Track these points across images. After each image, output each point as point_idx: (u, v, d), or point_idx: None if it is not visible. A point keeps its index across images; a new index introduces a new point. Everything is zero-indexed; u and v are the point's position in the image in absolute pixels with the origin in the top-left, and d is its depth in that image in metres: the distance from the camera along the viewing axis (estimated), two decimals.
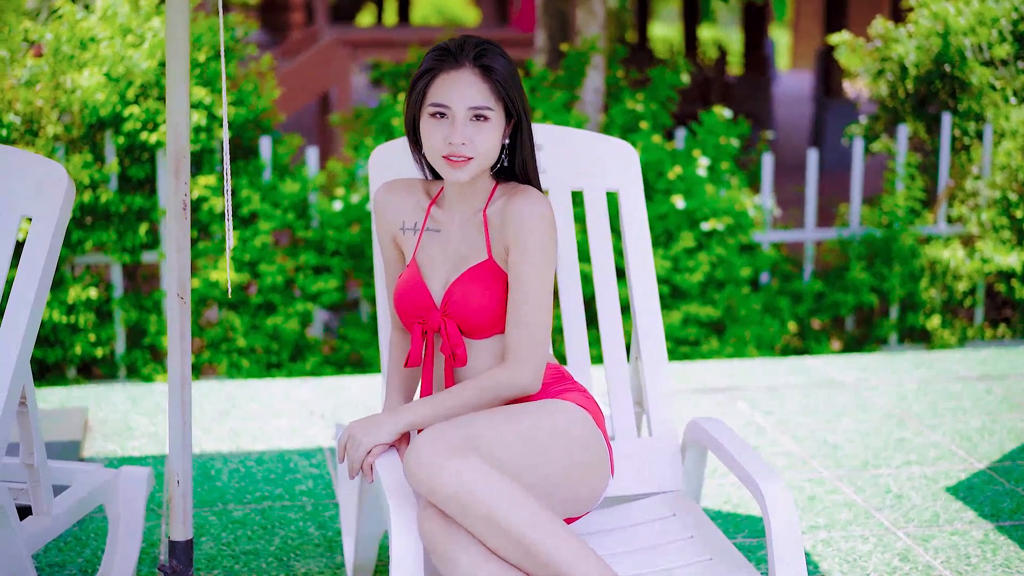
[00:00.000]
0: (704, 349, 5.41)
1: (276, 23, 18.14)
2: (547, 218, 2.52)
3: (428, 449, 2.27)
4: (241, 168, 5.37)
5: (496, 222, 2.56)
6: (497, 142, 2.52)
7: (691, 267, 5.40)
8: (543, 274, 2.51)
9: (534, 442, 2.40)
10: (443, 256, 2.59)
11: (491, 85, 2.49)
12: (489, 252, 2.55)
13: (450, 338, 2.52)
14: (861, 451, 3.95)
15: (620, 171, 2.96)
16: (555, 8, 6.27)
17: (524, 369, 2.49)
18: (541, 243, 2.50)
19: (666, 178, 5.44)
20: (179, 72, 2.30)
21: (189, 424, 2.46)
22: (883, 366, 4.95)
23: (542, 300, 2.51)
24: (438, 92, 2.49)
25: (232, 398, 4.50)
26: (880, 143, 6.22)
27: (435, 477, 2.25)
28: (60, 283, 5.15)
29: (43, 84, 5.13)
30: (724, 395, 4.54)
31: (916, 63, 6.16)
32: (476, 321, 2.53)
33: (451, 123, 2.48)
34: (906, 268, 5.77)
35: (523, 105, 2.55)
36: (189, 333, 2.40)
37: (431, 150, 2.51)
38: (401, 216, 2.65)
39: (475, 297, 2.52)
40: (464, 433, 2.33)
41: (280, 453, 3.90)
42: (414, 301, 2.56)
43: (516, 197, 2.54)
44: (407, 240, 2.64)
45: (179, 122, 2.31)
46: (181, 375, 2.41)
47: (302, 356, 5.40)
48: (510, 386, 2.49)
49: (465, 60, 2.49)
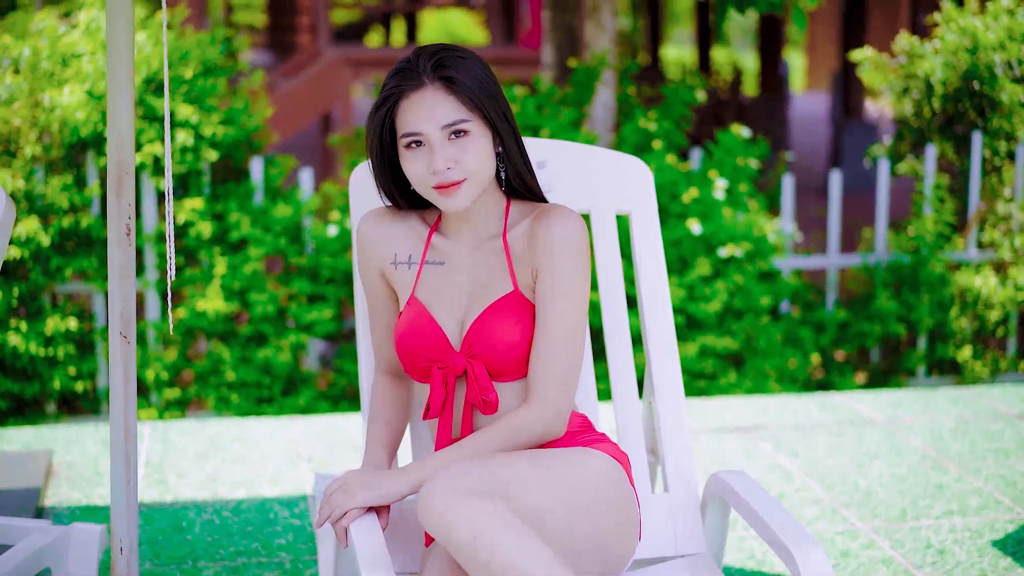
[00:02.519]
0: (722, 383, 5.08)
1: (284, 45, 17.90)
2: (582, 241, 2.22)
3: (444, 487, 1.98)
4: (231, 191, 5.08)
5: (519, 247, 2.26)
6: (487, 155, 2.22)
7: (708, 296, 5.07)
8: (575, 305, 2.21)
9: (564, 493, 2.08)
10: (453, 291, 2.28)
11: (460, 96, 2.19)
12: (514, 282, 2.24)
13: (479, 382, 2.20)
14: (897, 499, 3.61)
15: (632, 191, 2.64)
16: (563, 22, 5.96)
17: (547, 410, 2.19)
18: (574, 270, 2.21)
19: (681, 201, 5.13)
20: (122, 78, 1.99)
21: (134, 483, 2.14)
22: (916, 402, 4.61)
23: (572, 334, 2.21)
24: (405, 119, 2.20)
25: (214, 439, 4.18)
26: (906, 164, 5.90)
27: (450, 518, 1.95)
28: (38, 313, 4.85)
29: (21, 102, 4.84)
30: (746, 435, 4.20)
31: (943, 80, 5.85)
32: (504, 361, 2.22)
33: (429, 149, 2.18)
34: (935, 296, 5.46)
35: (499, 109, 2.23)
36: (134, 377, 2.08)
37: (419, 184, 2.21)
38: (392, 249, 2.34)
39: (503, 334, 2.21)
40: (486, 475, 2.02)
41: (260, 502, 3.57)
42: (426, 343, 2.24)
43: (545, 217, 2.23)
44: (400, 275, 2.33)
45: (122, 134, 2.00)
46: (125, 427, 2.09)
47: (295, 390, 5.09)
48: (531, 430, 2.18)
49: (424, 77, 2.19)
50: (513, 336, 2.21)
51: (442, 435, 2.25)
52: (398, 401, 2.42)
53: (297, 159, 5.99)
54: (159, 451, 4.01)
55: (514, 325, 2.22)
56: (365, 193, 2.57)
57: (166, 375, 4.92)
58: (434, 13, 21.90)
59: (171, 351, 5.00)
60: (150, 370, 4.90)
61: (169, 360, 4.95)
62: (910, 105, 6.03)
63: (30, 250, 4.75)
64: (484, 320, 2.22)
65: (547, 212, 2.26)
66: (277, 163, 5.20)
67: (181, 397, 5.00)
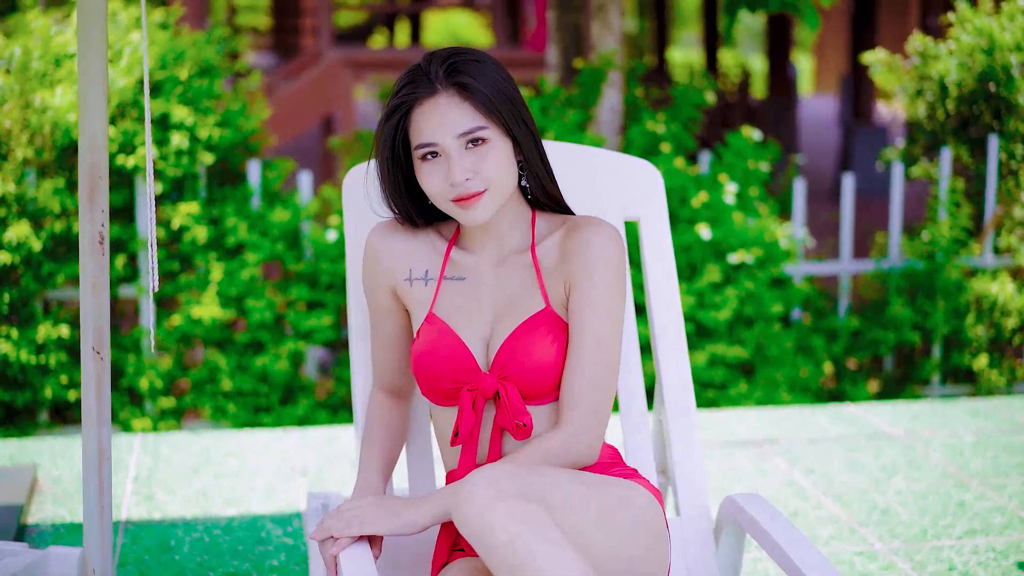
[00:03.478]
0: (732, 393, 4.94)
1: (287, 47, 17.78)
2: (620, 255, 2.09)
3: (487, 487, 1.84)
4: (227, 195, 4.95)
5: (550, 262, 2.12)
6: (508, 163, 2.07)
7: (717, 303, 4.93)
8: (612, 323, 2.07)
9: (606, 513, 1.95)
10: (476, 308, 2.13)
11: (475, 102, 2.05)
12: (546, 299, 2.10)
13: (512, 405, 2.05)
14: (917, 517, 3.46)
15: (642, 196, 2.50)
16: (569, 22, 5.82)
17: (581, 435, 2.05)
18: (612, 285, 2.07)
19: (690, 206, 4.98)
20: (94, 74, 1.85)
21: (108, 509, 2.00)
22: (933, 415, 4.46)
23: (607, 355, 2.07)
24: (418, 129, 2.06)
25: (206, 453, 4.03)
26: (920, 168, 5.76)
27: (489, 520, 1.81)
28: (29, 320, 4.72)
29: (11, 103, 4.71)
30: (758, 449, 4.06)
31: (958, 82, 5.71)
32: (537, 383, 2.07)
33: (445, 160, 2.04)
34: (950, 303, 5.31)
35: (517, 115, 2.09)
36: (108, 396, 1.94)
37: (437, 198, 2.07)
38: (406, 264, 2.18)
39: (537, 355, 2.06)
40: (530, 481, 1.88)
41: (252, 519, 3.42)
42: (453, 364, 2.09)
43: (580, 230, 2.10)
44: (415, 292, 2.17)
45: (95, 135, 1.86)
46: (99, 449, 1.95)
47: (294, 399, 4.95)
48: (563, 455, 2.04)
49: (436, 83, 2.05)
50: (547, 356, 2.07)
51: (466, 460, 2.10)
52: (395, 421, 2.28)
53: (297, 162, 5.86)
54: (148, 465, 3.87)
55: (549, 345, 2.08)
56: (359, 199, 2.43)
57: (161, 384, 4.79)
58: (438, 14, 21.79)
59: (166, 359, 4.87)
60: (144, 379, 4.77)
61: (164, 368, 4.82)
62: (923, 107, 5.88)
63: (21, 255, 4.63)
64: (516, 339, 2.08)
65: (582, 224, 2.12)
66: (275, 166, 5.07)
67: (176, 406, 4.87)
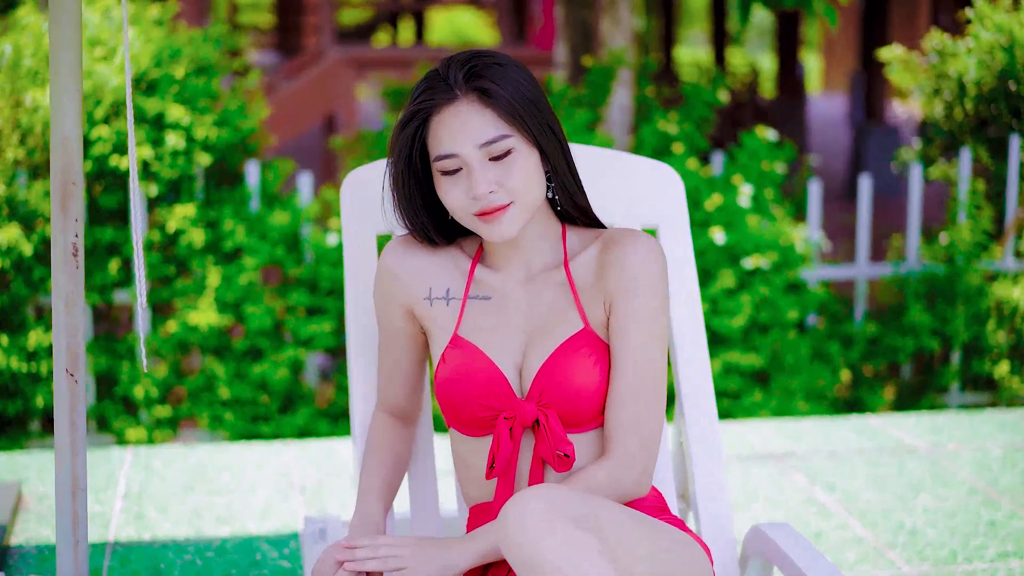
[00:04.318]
0: (747, 402, 4.77)
1: (291, 46, 17.64)
2: (664, 271, 1.93)
3: (545, 507, 1.69)
4: (225, 197, 4.79)
5: (586, 278, 1.96)
6: (534, 173, 1.92)
7: (732, 310, 4.76)
8: (658, 343, 1.92)
9: (659, 558, 1.79)
10: (504, 329, 1.97)
11: (498, 108, 1.89)
12: (584, 318, 1.94)
13: (553, 434, 1.89)
14: (946, 538, 3.29)
15: (660, 202, 2.34)
16: (578, 19, 5.66)
17: (630, 466, 1.90)
18: (656, 303, 1.92)
19: (703, 208, 4.82)
20: (66, 72, 1.69)
21: (84, 542, 1.84)
22: (958, 427, 4.29)
23: (655, 379, 1.92)
24: (437, 139, 1.90)
25: (200, 468, 3.86)
26: (937, 169, 5.59)
27: (544, 544, 1.66)
28: (20, 327, 4.57)
29: (2, 103, 4.56)
30: (776, 464, 3.89)
31: (977, 80, 5.54)
32: (580, 410, 1.92)
33: (467, 172, 1.88)
34: (970, 308, 5.15)
35: (543, 122, 1.93)
36: (83, 422, 1.78)
37: (459, 213, 1.91)
38: (425, 283, 2.02)
39: (578, 379, 1.91)
40: (588, 508, 1.72)
41: (246, 539, 3.25)
42: (487, 389, 1.92)
43: (621, 243, 1.94)
44: (437, 313, 2.01)
45: (68, 136, 1.70)
46: (72, 480, 1.79)
47: (293, 408, 4.80)
48: (610, 488, 1.89)
49: (456, 89, 1.89)
50: (590, 380, 1.91)
51: (503, 494, 1.93)
52: (399, 446, 2.12)
53: (298, 163, 5.70)
54: (139, 481, 3.70)
55: (591, 367, 1.92)
56: (359, 203, 2.27)
57: (156, 392, 4.64)
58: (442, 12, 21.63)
59: (162, 367, 4.71)
60: (139, 387, 4.62)
61: (160, 377, 4.66)
62: (941, 106, 5.72)
63: (11, 260, 4.48)
64: (555, 362, 1.92)
65: (621, 237, 1.96)
66: (274, 167, 4.91)
67: (172, 416, 4.71)
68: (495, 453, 1.91)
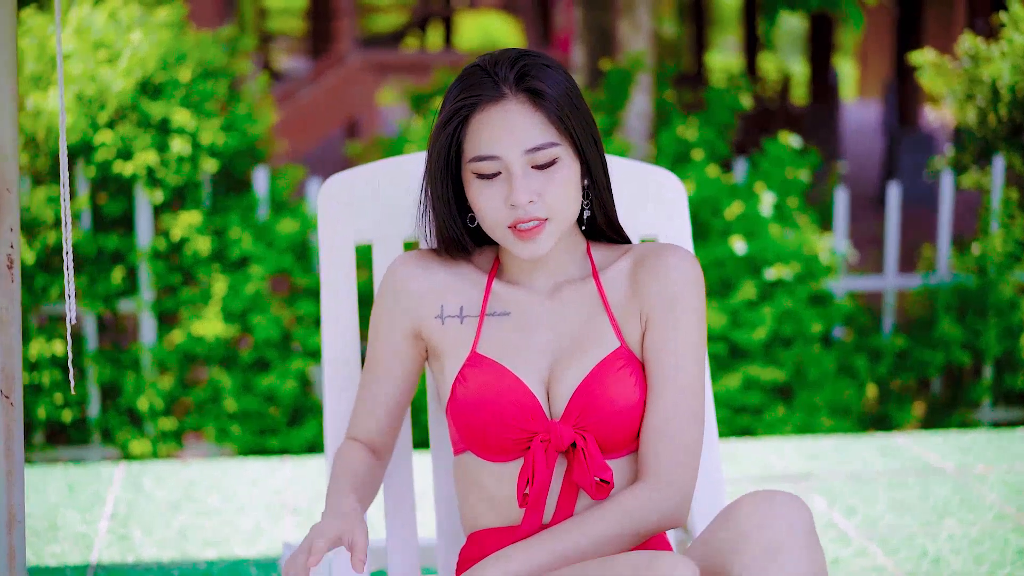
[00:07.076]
0: (768, 418, 4.60)
1: (322, 53, 17.58)
2: (702, 287, 1.83)
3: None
4: (232, 204, 4.68)
5: (619, 294, 1.84)
6: (574, 189, 1.79)
7: (753, 322, 4.59)
8: (696, 364, 1.81)
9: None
10: (526, 347, 1.83)
11: (548, 113, 1.75)
12: (620, 336, 1.82)
13: (591, 460, 1.76)
14: (972, 567, 3.11)
15: (659, 210, 2.20)
16: (596, 21, 5.51)
17: (670, 492, 1.77)
18: (696, 318, 1.81)
19: (723, 217, 4.66)
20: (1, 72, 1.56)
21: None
22: (988, 447, 4.10)
23: (694, 400, 1.80)
24: (478, 139, 1.76)
25: (190, 486, 3.71)
26: (970, 177, 5.42)
27: None
28: (23, 336, 4.46)
29: None
30: (795, 486, 3.71)
31: (1011, 85, 5.36)
32: (618, 433, 1.80)
33: (507, 178, 1.74)
34: (1003, 321, 4.97)
35: (589, 132, 1.80)
36: (21, 450, 1.65)
37: (491, 223, 1.78)
38: (437, 300, 1.88)
39: (620, 401, 1.79)
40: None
41: (233, 563, 3.10)
42: (518, 408, 1.79)
43: (657, 257, 1.83)
44: (449, 332, 1.87)
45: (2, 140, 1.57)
46: (8, 507, 1.65)
47: (302, 420, 4.67)
48: (648, 516, 1.76)
49: (504, 87, 1.75)
50: (631, 401, 1.79)
51: (532, 520, 1.79)
52: (368, 476, 1.94)
53: (319, 170, 5.58)
54: (127, 501, 3.57)
55: (632, 388, 1.80)
56: (337, 212, 2.14)
57: (161, 404, 4.52)
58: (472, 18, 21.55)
59: (167, 378, 4.60)
60: (144, 398, 4.51)
61: (164, 388, 4.55)
62: (974, 112, 5.54)
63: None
64: (593, 382, 1.79)
65: (660, 251, 1.84)
66: (283, 174, 4.79)
67: (178, 428, 4.60)
68: (528, 478, 1.78)
